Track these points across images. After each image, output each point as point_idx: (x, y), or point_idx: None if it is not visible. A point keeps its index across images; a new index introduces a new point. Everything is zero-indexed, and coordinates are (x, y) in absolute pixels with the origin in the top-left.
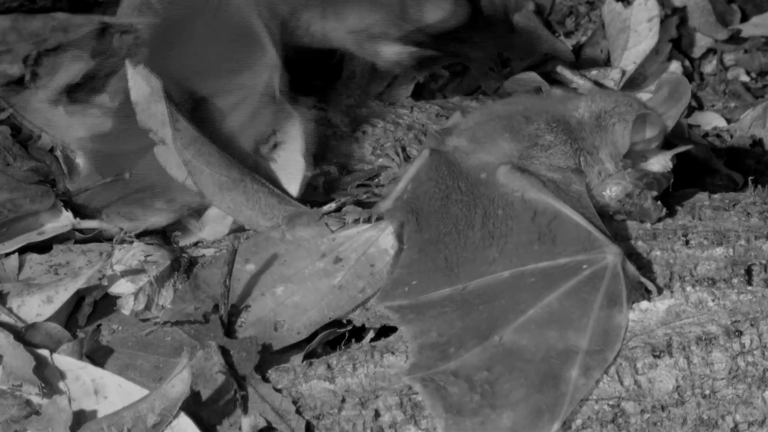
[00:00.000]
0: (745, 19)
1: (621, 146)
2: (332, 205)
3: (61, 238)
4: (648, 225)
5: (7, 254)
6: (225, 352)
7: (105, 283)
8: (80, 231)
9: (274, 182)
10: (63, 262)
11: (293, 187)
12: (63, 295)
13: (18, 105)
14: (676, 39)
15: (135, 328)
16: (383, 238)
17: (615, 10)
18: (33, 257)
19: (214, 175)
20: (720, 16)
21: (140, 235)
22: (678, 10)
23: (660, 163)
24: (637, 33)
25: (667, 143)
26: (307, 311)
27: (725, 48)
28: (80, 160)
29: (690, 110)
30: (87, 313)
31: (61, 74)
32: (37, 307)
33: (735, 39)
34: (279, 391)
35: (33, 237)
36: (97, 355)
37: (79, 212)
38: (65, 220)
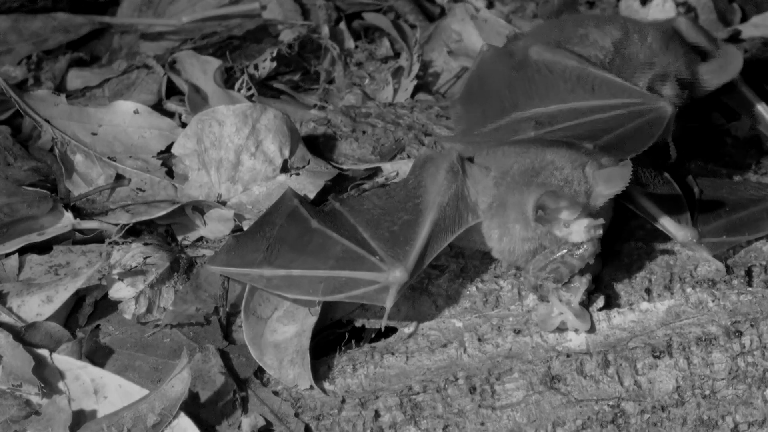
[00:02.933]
0: (744, 19)
1: (527, 211)
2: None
3: (61, 239)
4: (648, 225)
5: (7, 255)
6: (224, 356)
7: (105, 283)
8: (80, 231)
9: None
10: (63, 262)
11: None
12: (63, 294)
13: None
14: None
15: (134, 329)
16: None
17: (632, 7)
18: (33, 258)
19: None
20: (721, 14)
21: (138, 234)
22: (681, 5)
23: (581, 233)
24: None
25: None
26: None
27: None
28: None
29: None
30: (88, 313)
31: None
32: (37, 306)
33: (734, 39)
34: (278, 392)
35: (33, 237)
36: (96, 356)
37: (80, 212)
38: (65, 220)
